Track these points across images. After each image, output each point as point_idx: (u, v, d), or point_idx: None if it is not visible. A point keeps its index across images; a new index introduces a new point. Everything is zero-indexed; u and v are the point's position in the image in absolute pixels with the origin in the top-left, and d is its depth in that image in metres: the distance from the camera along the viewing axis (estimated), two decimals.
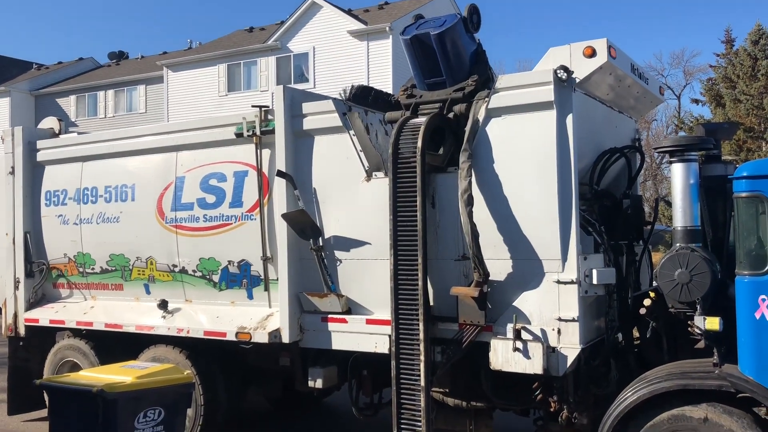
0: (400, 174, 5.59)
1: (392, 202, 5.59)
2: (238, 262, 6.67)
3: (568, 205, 5.09)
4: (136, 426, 4.62)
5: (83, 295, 7.93)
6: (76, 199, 7.78)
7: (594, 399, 5.38)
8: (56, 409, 4.85)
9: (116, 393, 4.55)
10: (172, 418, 4.87)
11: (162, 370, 5.05)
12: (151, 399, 4.73)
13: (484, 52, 6.01)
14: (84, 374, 5.11)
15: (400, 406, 5.54)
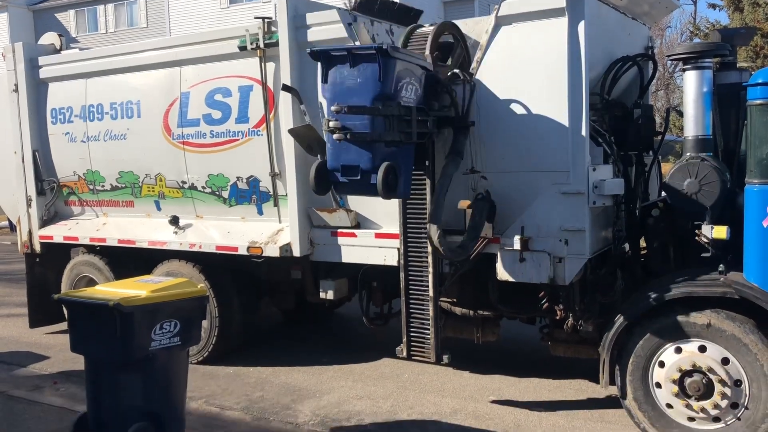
0: None
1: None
2: (247, 178, 6.68)
3: (578, 115, 5.01)
4: (153, 337, 4.74)
5: (95, 212, 8.02)
6: (82, 117, 7.73)
7: (599, 307, 5.48)
8: (75, 323, 4.98)
9: (132, 306, 4.63)
10: (187, 329, 4.97)
11: (176, 284, 5.14)
12: (166, 312, 4.81)
13: None
14: (100, 289, 5.20)
15: (409, 316, 5.68)
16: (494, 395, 6.09)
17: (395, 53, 4.58)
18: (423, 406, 5.86)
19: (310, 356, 7.29)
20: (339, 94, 4.71)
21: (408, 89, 4.81)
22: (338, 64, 4.73)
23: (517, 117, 5.25)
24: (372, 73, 4.56)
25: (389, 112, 4.62)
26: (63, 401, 6.08)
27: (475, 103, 5.33)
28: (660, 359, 4.78)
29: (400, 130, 4.71)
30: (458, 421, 5.54)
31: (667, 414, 4.80)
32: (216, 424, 5.63)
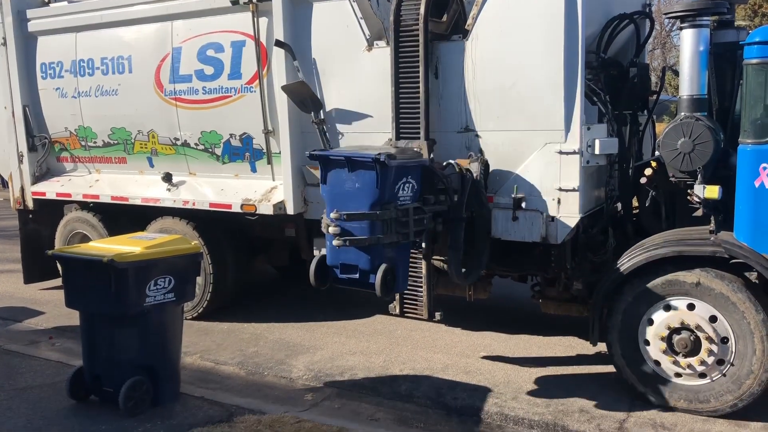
0: (402, 43, 5.44)
1: (394, 73, 5.49)
2: (240, 135, 6.64)
3: (573, 74, 4.98)
4: (148, 293, 4.79)
5: (87, 168, 7.98)
6: (72, 72, 7.63)
7: (591, 266, 5.54)
8: (70, 279, 5.02)
9: (126, 262, 4.67)
10: (182, 285, 5.03)
11: (170, 240, 5.17)
12: (160, 268, 4.85)
13: None
14: (94, 245, 5.22)
15: None
16: (485, 351, 6.18)
17: (392, 162, 4.64)
18: (415, 361, 5.94)
19: (304, 313, 7.36)
20: (338, 196, 4.82)
21: (405, 188, 4.88)
22: (337, 167, 4.83)
23: (512, 75, 5.21)
24: (370, 180, 4.66)
25: (387, 216, 4.70)
26: (59, 356, 6.14)
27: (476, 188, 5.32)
28: (649, 317, 4.86)
29: (398, 231, 4.78)
30: (449, 376, 5.62)
31: (655, 370, 4.89)
32: (211, 379, 5.69)
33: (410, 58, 5.42)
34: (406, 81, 5.45)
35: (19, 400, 5.06)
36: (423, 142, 5.37)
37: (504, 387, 5.38)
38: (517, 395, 5.22)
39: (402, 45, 5.44)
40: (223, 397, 5.15)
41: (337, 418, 4.79)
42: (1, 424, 4.66)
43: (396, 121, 5.53)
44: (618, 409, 4.94)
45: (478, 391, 5.31)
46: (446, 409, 5.05)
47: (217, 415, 4.76)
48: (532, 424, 4.77)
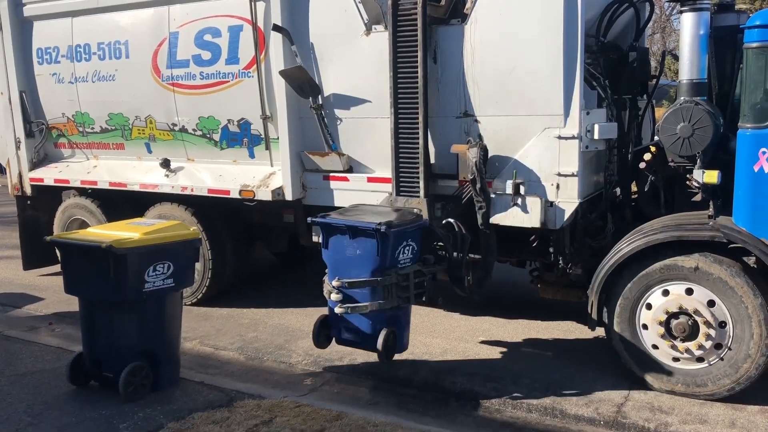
0: (401, 27, 5.41)
1: (392, 57, 5.47)
2: (238, 121, 6.62)
3: (573, 58, 4.95)
4: (147, 279, 4.79)
5: (85, 154, 7.96)
6: (69, 57, 7.59)
7: (589, 251, 5.54)
8: (68, 265, 5.01)
9: (125, 248, 4.66)
10: (181, 271, 5.03)
11: (168, 226, 5.16)
12: (159, 254, 4.85)
13: None
14: (92, 231, 5.21)
15: None
16: (484, 336, 6.20)
17: (391, 230, 4.75)
18: (414, 346, 5.89)
19: (304, 298, 7.37)
20: (339, 262, 4.98)
21: (405, 252, 4.99)
22: (338, 234, 4.98)
23: (511, 59, 5.18)
24: (371, 248, 4.80)
25: (388, 282, 4.85)
26: (59, 341, 6.15)
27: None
28: (647, 301, 4.86)
29: (399, 296, 4.93)
30: (448, 361, 5.63)
31: (653, 354, 4.91)
32: (210, 364, 5.71)
33: (409, 43, 5.39)
34: (405, 66, 5.43)
35: (19, 385, 5.07)
36: (423, 200, 5.47)
37: (502, 371, 5.39)
38: (516, 379, 5.24)
39: (400, 29, 5.41)
40: (223, 382, 5.16)
41: (336, 403, 4.81)
42: (2, 409, 4.67)
43: (394, 107, 5.51)
44: (616, 393, 4.96)
45: (476, 375, 5.32)
46: (445, 394, 5.07)
47: (217, 400, 4.78)
48: (531, 407, 4.79)
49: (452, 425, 4.54)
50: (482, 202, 5.26)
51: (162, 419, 4.49)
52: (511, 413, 4.74)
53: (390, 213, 5.12)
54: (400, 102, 5.49)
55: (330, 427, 4.26)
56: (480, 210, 5.29)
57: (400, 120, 5.51)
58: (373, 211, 5.20)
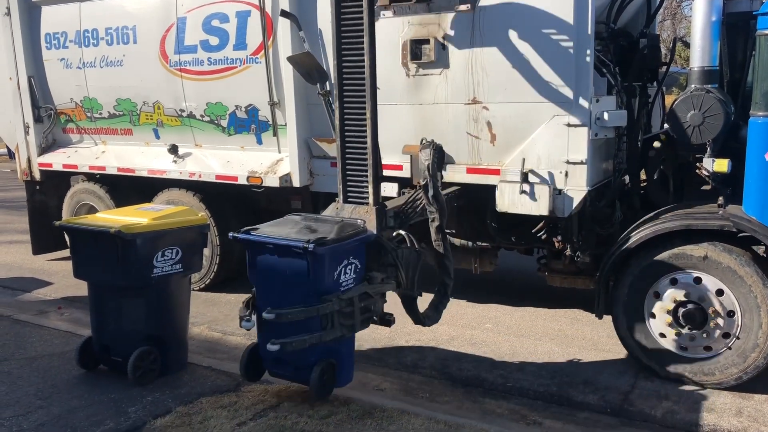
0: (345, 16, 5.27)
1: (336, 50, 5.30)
2: (246, 107, 6.61)
3: (583, 44, 4.91)
4: (155, 264, 4.81)
5: (93, 140, 7.97)
6: (77, 42, 7.57)
7: (597, 239, 5.53)
8: (77, 249, 5.03)
9: (133, 234, 4.68)
10: (189, 256, 5.04)
11: (177, 212, 5.17)
12: (167, 239, 4.86)
13: None
14: (101, 216, 5.22)
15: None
16: (490, 323, 6.21)
17: (321, 249, 4.01)
18: (421, 333, 5.88)
19: None
20: (269, 287, 4.26)
21: (347, 271, 4.26)
22: (265, 252, 4.23)
23: (520, 45, 5.14)
24: (302, 270, 4.05)
25: (328, 310, 4.10)
26: (68, 326, 6.16)
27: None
28: (655, 290, 4.85)
29: (342, 324, 4.20)
30: (455, 348, 5.64)
31: (660, 343, 4.90)
32: (218, 349, 5.72)
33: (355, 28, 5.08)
34: (350, 53, 4.97)
35: (29, 369, 5.11)
36: (371, 208, 4.62)
37: (509, 358, 5.38)
38: (522, 366, 5.24)
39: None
40: (231, 366, 5.16)
41: (343, 388, 4.82)
42: (12, 392, 4.71)
43: (340, 100, 4.93)
44: (623, 381, 4.97)
45: (483, 362, 5.32)
46: (452, 380, 5.08)
47: (225, 385, 4.80)
48: (537, 395, 4.81)
49: (459, 411, 4.55)
50: (435, 213, 4.65)
51: (170, 403, 4.52)
52: (517, 400, 4.75)
53: (328, 225, 4.39)
54: (346, 92, 4.75)
55: (337, 413, 4.27)
56: (433, 222, 4.69)
57: (346, 112, 4.79)
58: (309, 225, 4.45)
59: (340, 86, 4.74)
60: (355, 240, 4.33)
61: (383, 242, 4.53)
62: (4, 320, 6.23)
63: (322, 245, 4.03)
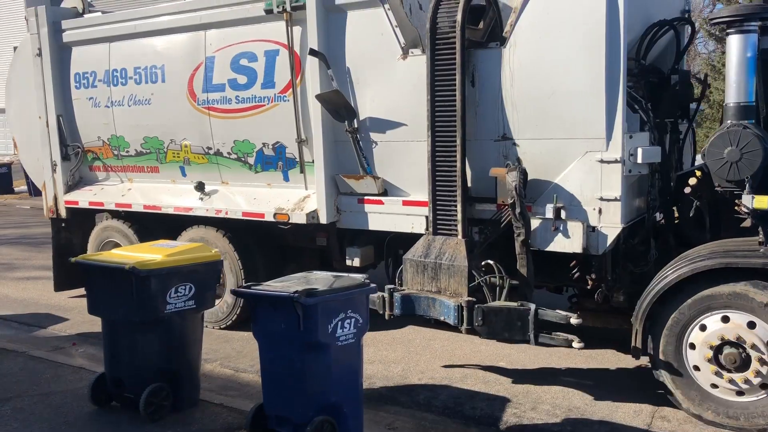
0: (439, 50, 5.38)
1: (430, 81, 5.43)
2: (273, 144, 6.62)
3: (615, 80, 4.88)
4: (168, 300, 4.84)
5: (119, 177, 8.02)
6: (105, 81, 7.68)
7: (631, 277, 5.41)
8: (92, 286, 5.08)
9: (147, 270, 4.72)
10: (202, 292, 5.07)
11: (191, 248, 5.22)
12: (181, 275, 4.90)
13: None
14: (116, 252, 5.30)
15: None
16: (504, 361, 6.12)
17: (310, 300, 3.97)
18: (434, 371, 5.89)
19: None
20: (269, 340, 4.29)
21: (346, 325, 4.18)
22: (263, 306, 4.27)
23: (551, 82, 5.12)
24: (293, 322, 4.05)
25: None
26: (82, 362, 6.15)
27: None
28: (695, 326, 4.68)
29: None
30: (468, 386, 5.57)
31: (693, 375, 4.72)
32: (230, 386, 5.68)
33: (447, 66, 5.35)
34: (443, 89, 5.39)
35: (42, 405, 5.08)
36: (461, 240, 5.26)
37: (523, 397, 5.33)
38: (536, 405, 5.16)
39: (438, 52, 5.38)
40: (242, 404, 5.10)
41: None
42: (25, 428, 4.68)
43: (432, 129, 5.46)
44: (639, 420, 4.88)
45: (496, 400, 5.27)
46: (465, 419, 5.00)
47: (236, 422, 4.74)
48: None
49: None
50: (521, 228, 5.15)
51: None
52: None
53: (329, 279, 4.41)
54: (438, 125, 5.43)
55: None
56: (518, 236, 5.19)
57: (437, 143, 5.45)
58: (310, 278, 4.49)
59: (432, 121, 5.36)
60: (352, 292, 4.24)
61: (472, 270, 5.06)
62: (19, 356, 6.22)
63: (311, 296, 3.99)
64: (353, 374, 4.36)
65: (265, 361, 4.36)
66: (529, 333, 4.96)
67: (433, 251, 5.46)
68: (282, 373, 4.24)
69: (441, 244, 5.46)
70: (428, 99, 5.44)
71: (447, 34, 5.33)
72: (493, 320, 5.07)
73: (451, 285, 5.34)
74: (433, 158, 5.48)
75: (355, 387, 4.39)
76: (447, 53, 5.34)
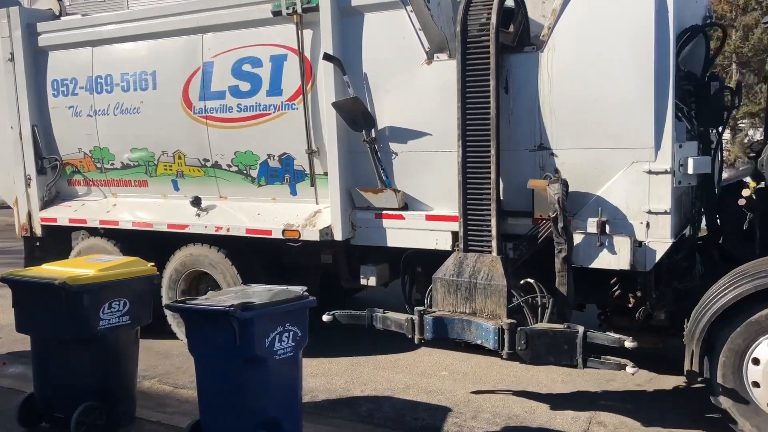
0: (470, 55, 5.04)
1: (461, 88, 5.08)
2: (279, 156, 6.17)
3: (664, 86, 4.61)
4: (102, 316, 4.68)
5: (102, 192, 7.43)
6: (88, 89, 7.11)
7: (675, 294, 5.14)
8: (20, 302, 4.83)
9: (79, 285, 4.56)
10: (137, 308, 4.90)
11: (125, 262, 5.07)
12: (115, 290, 4.75)
13: None
14: (47, 267, 5.09)
15: None
16: (446, 370, 6.12)
17: (247, 313, 3.93)
18: (377, 382, 5.90)
19: None
20: (205, 355, 4.20)
21: (284, 338, 4.15)
22: (200, 318, 4.16)
23: (594, 88, 4.82)
24: (230, 337, 3.97)
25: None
26: (11, 382, 5.88)
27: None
28: (755, 347, 4.42)
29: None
30: (411, 397, 5.56)
31: (750, 392, 4.44)
32: (169, 403, 5.48)
33: (479, 71, 5.01)
34: (475, 96, 5.04)
35: None
36: (496, 257, 4.95)
37: (464, 406, 5.35)
38: (477, 414, 5.20)
39: (470, 57, 5.04)
40: (181, 421, 4.88)
41: None
42: None
43: (463, 139, 5.10)
44: (576, 427, 4.95)
45: (438, 410, 5.28)
46: (407, 430, 5.00)
47: None
48: None
49: None
50: (563, 243, 4.82)
51: None
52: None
53: (265, 293, 4.32)
54: (469, 135, 5.08)
55: None
56: (560, 252, 4.86)
57: (468, 154, 5.10)
58: (247, 292, 4.40)
59: (464, 130, 5.04)
60: (290, 305, 4.21)
61: (511, 289, 4.79)
62: None
63: (247, 309, 3.95)
64: (292, 388, 4.33)
65: (201, 377, 4.28)
66: (576, 357, 4.61)
67: (467, 269, 5.09)
68: (219, 388, 4.16)
69: (474, 261, 5.10)
70: (459, 107, 5.08)
71: (479, 38, 5.00)
72: (537, 344, 4.72)
73: (488, 306, 4.97)
74: (464, 170, 5.12)
75: (294, 401, 4.35)
76: (480, 58, 5.00)
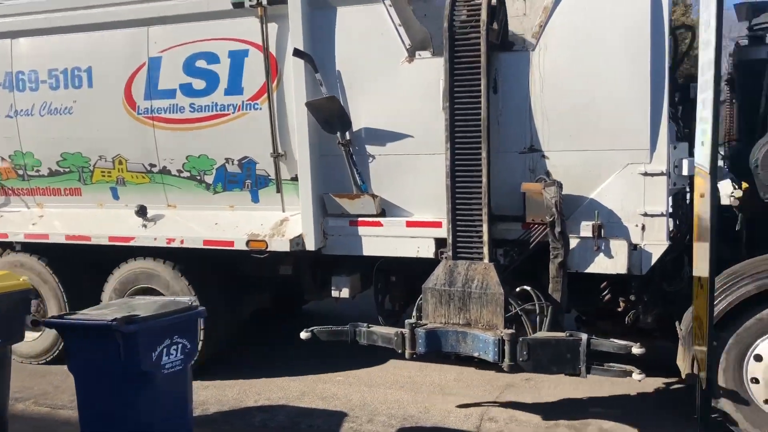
0: (459, 52, 4.78)
1: (449, 87, 4.81)
2: (239, 160, 5.68)
3: (660, 86, 4.53)
4: None
5: (24, 202, 6.64)
6: (7, 86, 6.34)
7: (664, 297, 5.11)
8: None
9: None
10: (8, 323, 4.53)
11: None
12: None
13: None
14: None
15: None
16: (342, 375, 6.13)
17: (131, 327, 3.80)
18: (270, 391, 5.83)
19: None
20: (87, 373, 4.01)
21: (173, 352, 4.05)
22: (80, 333, 3.98)
23: (587, 88, 4.69)
24: (114, 352, 3.81)
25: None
26: None
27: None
28: (757, 346, 4.43)
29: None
30: (306, 404, 5.52)
31: (748, 387, 4.46)
32: (46, 426, 5.20)
33: (469, 70, 4.75)
34: (464, 96, 4.78)
35: None
36: (489, 265, 4.77)
37: (360, 410, 5.36)
38: (373, 417, 5.21)
39: (458, 55, 4.78)
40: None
41: None
42: None
43: (451, 141, 4.83)
44: (469, 424, 5.02)
45: (334, 416, 5.26)
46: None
47: None
48: None
49: None
50: (560, 248, 4.67)
51: None
52: None
53: (151, 304, 4.25)
54: (458, 136, 4.80)
55: None
56: (555, 257, 4.70)
57: (457, 156, 4.83)
58: (132, 304, 4.32)
59: (452, 132, 4.72)
60: (178, 317, 4.10)
61: (507, 297, 4.63)
62: None
63: (131, 323, 3.81)
64: (182, 403, 4.20)
65: (82, 397, 4.06)
66: (579, 365, 4.46)
67: (459, 278, 4.83)
68: (102, 407, 3.96)
69: (466, 269, 4.85)
70: (447, 107, 4.81)
71: (468, 35, 4.75)
72: (539, 354, 4.53)
73: (483, 316, 4.74)
74: (452, 173, 4.85)
75: (185, 416, 4.22)
76: (468, 56, 4.75)
